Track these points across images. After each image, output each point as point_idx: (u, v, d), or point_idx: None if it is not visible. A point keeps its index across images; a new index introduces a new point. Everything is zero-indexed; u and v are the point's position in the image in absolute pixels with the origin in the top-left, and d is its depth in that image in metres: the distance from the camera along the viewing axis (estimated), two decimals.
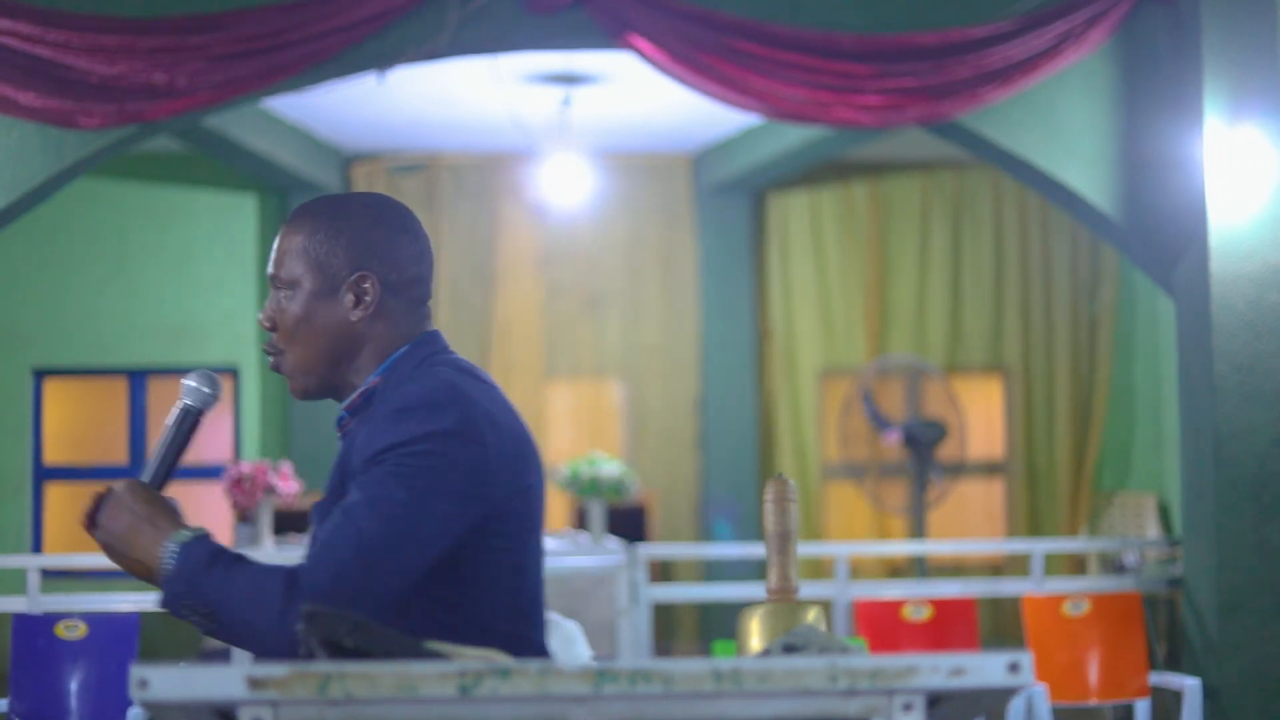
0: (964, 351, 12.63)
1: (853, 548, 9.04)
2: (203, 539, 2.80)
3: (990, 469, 12.68)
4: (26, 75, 7.45)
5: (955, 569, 12.10)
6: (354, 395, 2.94)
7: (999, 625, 11.59)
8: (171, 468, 2.97)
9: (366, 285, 2.89)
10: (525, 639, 2.85)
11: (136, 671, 1.82)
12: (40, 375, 12.44)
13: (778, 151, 11.40)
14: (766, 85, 7.64)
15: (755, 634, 2.77)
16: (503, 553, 2.82)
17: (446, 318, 12.45)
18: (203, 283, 12.38)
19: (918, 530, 11.08)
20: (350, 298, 2.89)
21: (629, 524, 11.11)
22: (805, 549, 8.52)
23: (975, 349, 12.62)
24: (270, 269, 2.96)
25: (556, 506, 11.96)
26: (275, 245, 2.96)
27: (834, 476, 12.41)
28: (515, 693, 1.79)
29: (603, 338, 12.62)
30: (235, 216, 12.41)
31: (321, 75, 7.72)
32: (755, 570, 10.63)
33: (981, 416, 12.59)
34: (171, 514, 2.87)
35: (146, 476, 2.95)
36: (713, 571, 11.87)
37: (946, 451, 11.36)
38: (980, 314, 12.61)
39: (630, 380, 12.66)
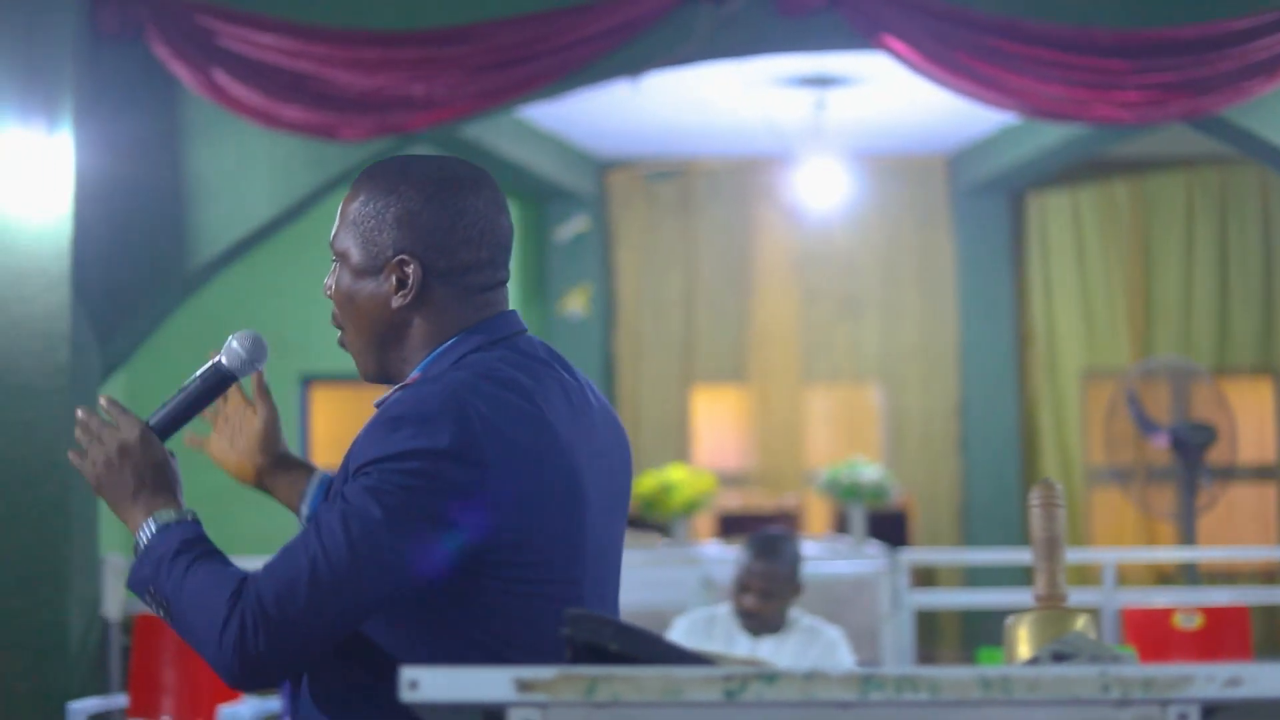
0: (1232, 352, 12.30)
1: (1120, 554, 8.87)
2: (184, 524, 2.62)
3: (1262, 474, 12.33)
4: (289, 90, 7.65)
5: (1227, 576, 11.78)
6: (390, 392, 2.68)
7: (1273, 635, 11.26)
8: (182, 422, 2.82)
9: (408, 269, 2.61)
10: None
11: (407, 672, 1.84)
12: (307, 382, 12.75)
13: (1036, 150, 11.22)
14: (1023, 83, 7.53)
15: (1023, 641, 2.71)
16: (516, 585, 2.50)
17: (703, 323, 12.49)
18: None
19: (1187, 536, 10.80)
20: (392, 281, 2.62)
21: (890, 529, 11.02)
22: (1071, 555, 8.35)
23: (1244, 350, 12.29)
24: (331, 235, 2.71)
25: (817, 511, 11.92)
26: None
27: (1099, 481, 12.17)
28: (780, 698, 1.78)
29: (861, 342, 12.54)
30: None
31: (576, 83, 7.80)
32: (1018, 576, 10.47)
33: (1252, 420, 12.24)
34: (169, 485, 2.70)
35: (154, 421, 2.77)
36: (975, 577, 11.72)
37: (1216, 455, 11.06)
38: (1249, 314, 12.27)
39: (889, 384, 12.56)
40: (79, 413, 2.71)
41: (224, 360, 2.87)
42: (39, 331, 7.50)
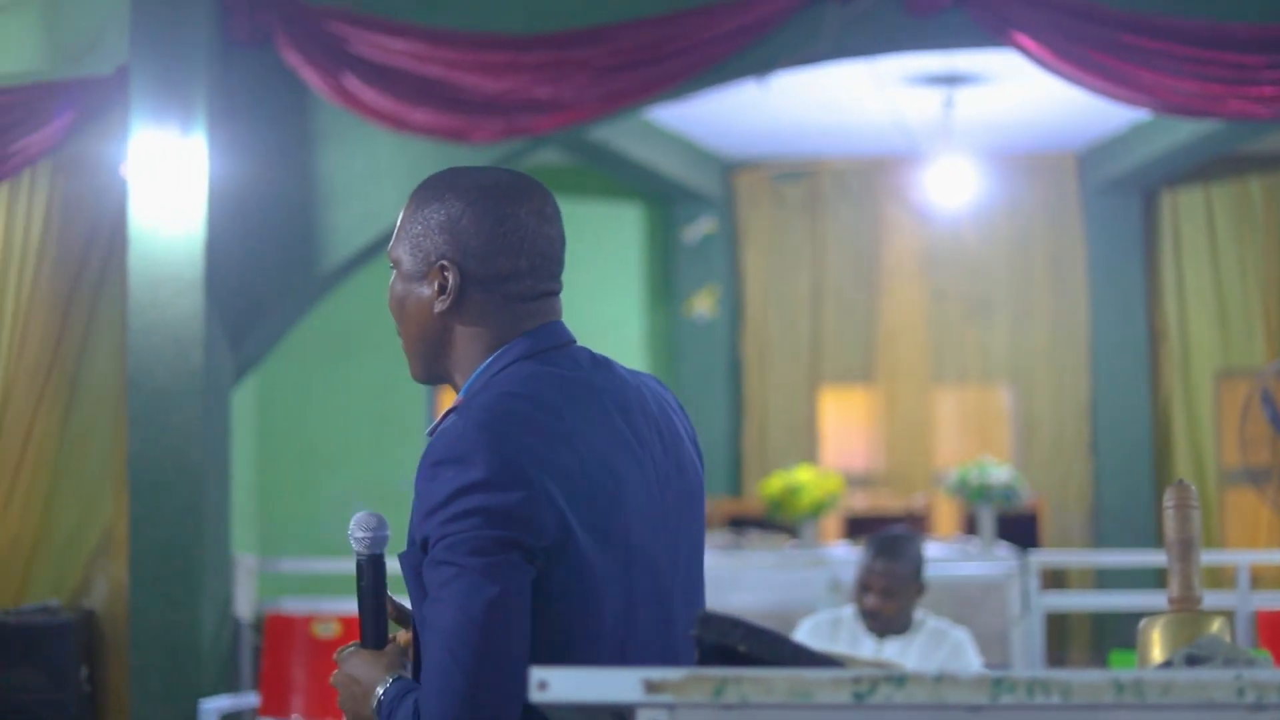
0: None
1: (1254, 556, 8.73)
2: (399, 679, 2.65)
3: None
4: (418, 94, 7.72)
5: None
6: (439, 419, 2.67)
7: None
8: (380, 624, 2.79)
9: (448, 275, 2.66)
10: None
11: (536, 673, 1.86)
12: (433, 385, 12.85)
13: (1169, 147, 11.07)
14: (1156, 79, 7.44)
15: (1156, 644, 2.68)
16: (552, 602, 2.53)
17: (831, 323, 12.46)
18: (590, 293, 12.62)
19: None
20: (435, 286, 2.67)
21: (1020, 530, 10.93)
22: (1204, 557, 8.25)
23: None
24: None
25: (945, 513, 11.85)
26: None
27: (1233, 482, 11.99)
28: (910, 700, 1.77)
29: (990, 342, 12.45)
30: (620, 226, 12.63)
31: (703, 84, 7.80)
32: (1150, 578, 10.35)
33: None
34: (385, 664, 2.71)
35: (366, 643, 2.77)
36: (1106, 579, 11.59)
37: None
38: None
39: (1019, 385, 12.45)
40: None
41: (360, 551, 2.85)
42: (173, 336, 7.62)
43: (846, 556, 9.50)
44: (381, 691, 2.62)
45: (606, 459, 2.60)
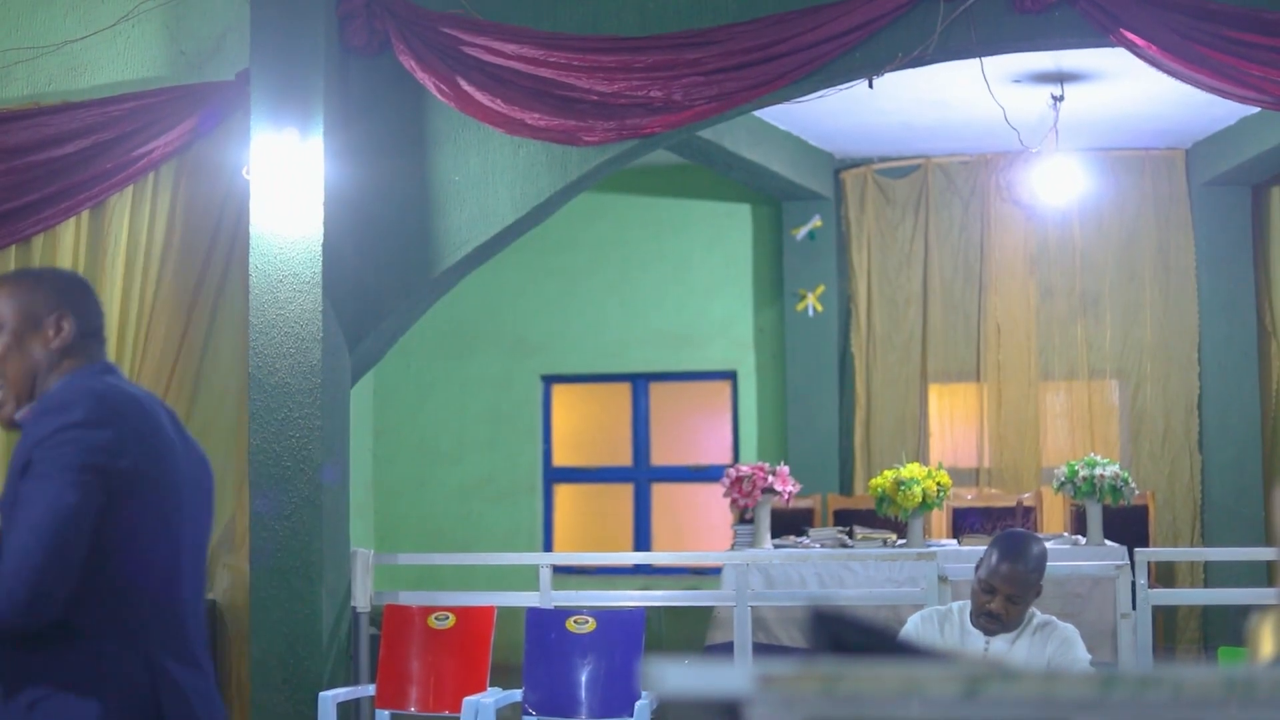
0: None
1: None
2: None
3: None
4: (532, 96, 7.81)
5: None
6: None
7: None
8: None
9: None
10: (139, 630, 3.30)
11: (650, 666, 1.91)
12: (549, 381, 12.96)
13: (1277, 141, 10.98)
14: (1264, 74, 7.40)
15: (1267, 640, 2.70)
16: (118, 526, 3.28)
17: (939, 320, 12.44)
18: (701, 290, 12.69)
19: None
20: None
21: (1128, 526, 10.87)
22: None
23: None
24: None
25: (1053, 509, 11.81)
26: None
27: None
28: (1020, 696, 1.80)
29: (1098, 338, 12.38)
30: (731, 225, 12.69)
31: (812, 84, 7.84)
32: (1260, 574, 10.27)
33: None
34: None
35: None
36: (1214, 575, 11.53)
37: None
38: None
39: (1127, 381, 12.39)
40: None
41: None
42: (293, 334, 7.75)
43: (954, 552, 9.51)
44: None
45: (167, 437, 3.40)
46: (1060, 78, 10.24)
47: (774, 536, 10.29)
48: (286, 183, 7.77)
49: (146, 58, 8.43)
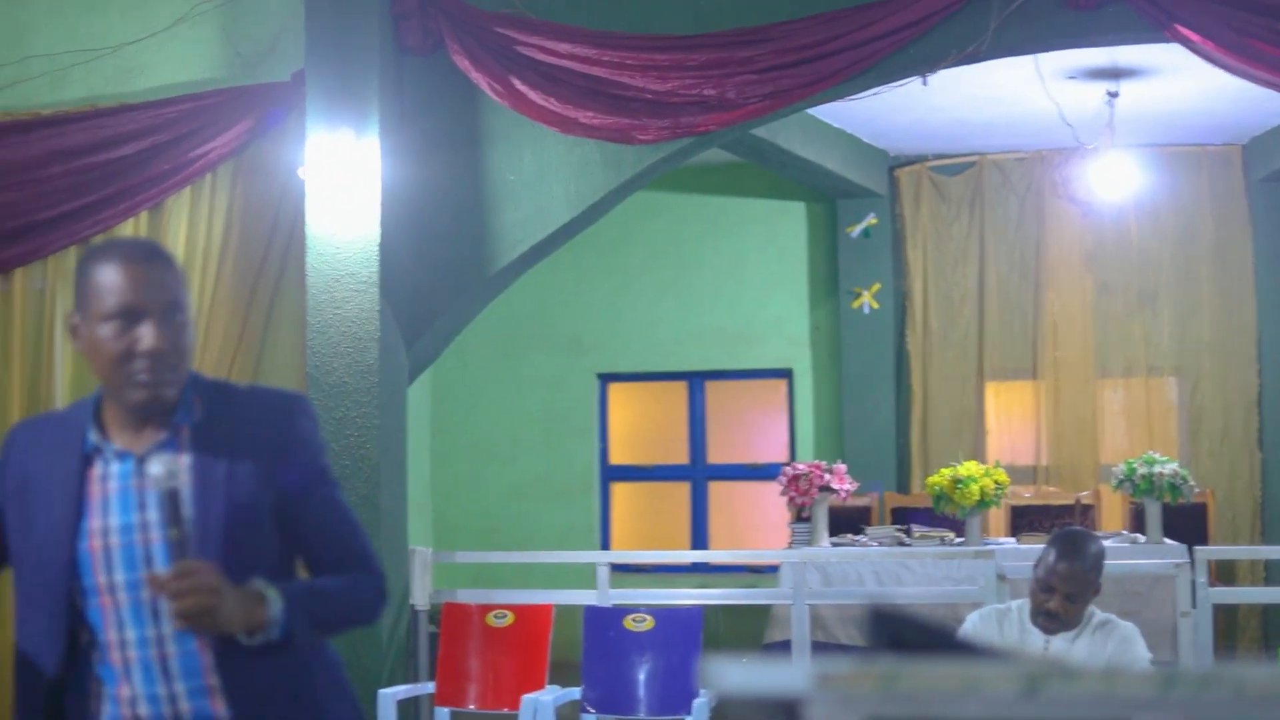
0: None
1: None
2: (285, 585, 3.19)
3: None
4: (586, 95, 7.83)
5: None
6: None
7: None
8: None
9: None
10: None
11: (708, 665, 1.91)
12: (605, 380, 12.98)
13: None
14: None
15: None
16: None
17: (993, 317, 12.40)
18: (756, 288, 12.68)
19: None
20: None
21: (1187, 524, 10.81)
22: None
23: None
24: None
25: (1111, 507, 11.76)
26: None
27: None
28: (1080, 695, 1.80)
29: (1156, 335, 12.31)
30: (786, 223, 12.68)
31: (866, 81, 7.83)
32: None
33: None
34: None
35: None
36: (1275, 573, 11.45)
37: None
38: None
39: (1185, 378, 12.31)
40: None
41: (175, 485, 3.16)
42: (350, 333, 7.79)
43: (1012, 550, 9.48)
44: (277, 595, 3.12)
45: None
46: (1115, 73, 10.19)
47: (831, 535, 10.28)
48: (342, 183, 7.81)
49: (202, 59, 8.48)
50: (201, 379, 3.24)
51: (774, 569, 11.02)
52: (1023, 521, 11.19)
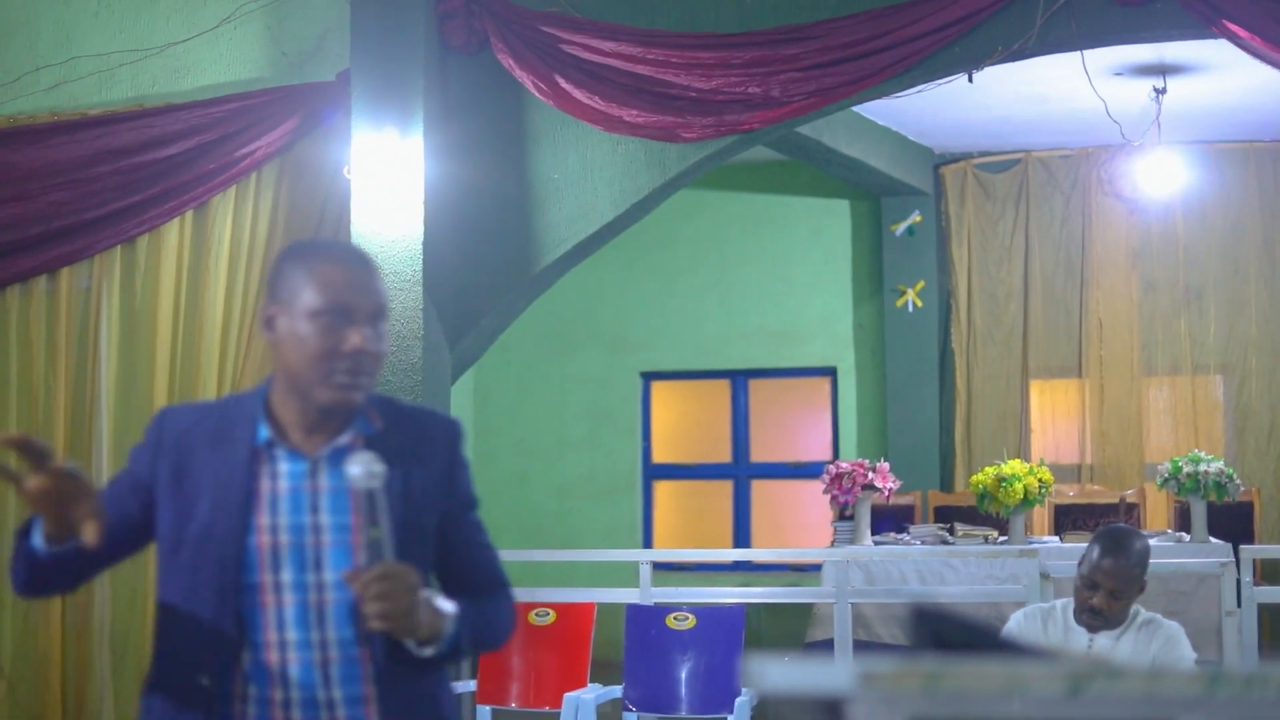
0: None
1: None
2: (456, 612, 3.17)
3: None
4: (630, 94, 7.83)
5: None
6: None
7: None
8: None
9: None
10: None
11: (751, 664, 1.91)
12: (648, 378, 12.98)
13: None
14: None
15: None
16: None
17: (1038, 314, 12.36)
18: (800, 286, 12.67)
19: None
20: None
21: (1233, 523, 10.76)
22: None
23: None
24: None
25: (1157, 505, 11.71)
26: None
27: None
28: (1125, 694, 1.79)
29: (1202, 333, 12.25)
30: (830, 220, 12.66)
31: (912, 79, 7.81)
32: None
33: None
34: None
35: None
36: None
37: None
38: None
39: (1232, 376, 12.25)
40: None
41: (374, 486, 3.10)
42: (394, 332, 7.80)
43: (1056, 548, 9.45)
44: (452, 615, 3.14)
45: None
46: (1162, 70, 10.15)
47: (874, 533, 10.27)
48: (387, 182, 7.83)
49: (248, 59, 8.52)
50: (372, 392, 3.20)
51: (816, 568, 11.01)
52: (1067, 520, 11.15)
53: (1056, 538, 10.61)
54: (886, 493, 10.04)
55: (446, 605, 3.08)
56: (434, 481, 3.19)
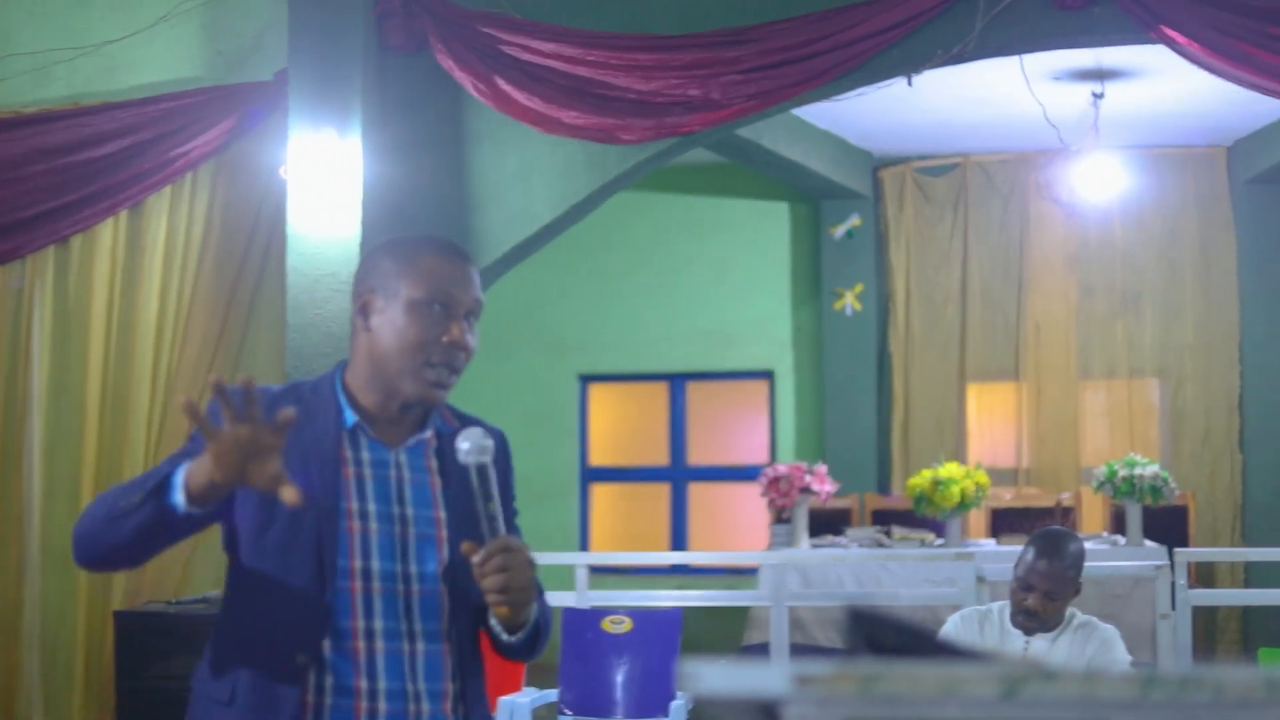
0: None
1: None
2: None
3: None
4: (570, 95, 7.81)
5: None
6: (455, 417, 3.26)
7: None
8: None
9: None
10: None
11: (686, 667, 1.90)
12: (585, 381, 12.97)
13: None
14: None
15: None
16: None
17: (976, 318, 12.41)
18: (738, 289, 12.68)
19: None
20: None
21: (1168, 527, 10.83)
22: None
23: None
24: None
25: (1092, 509, 11.77)
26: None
27: None
28: (1060, 697, 1.79)
29: (1139, 337, 12.33)
30: (769, 223, 12.68)
31: (851, 82, 7.82)
32: None
33: None
34: None
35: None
36: (1255, 575, 11.47)
37: None
38: None
39: (1168, 380, 12.33)
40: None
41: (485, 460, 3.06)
42: (330, 333, 7.76)
43: (992, 552, 9.48)
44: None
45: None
46: (1101, 75, 10.20)
47: (811, 536, 10.28)
48: (324, 182, 7.79)
49: (185, 58, 8.46)
50: None
51: (754, 571, 11.01)
52: (1003, 523, 11.20)
53: (993, 541, 10.65)
54: (824, 496, 10.06)
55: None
56: (497, 485, 3.13)
